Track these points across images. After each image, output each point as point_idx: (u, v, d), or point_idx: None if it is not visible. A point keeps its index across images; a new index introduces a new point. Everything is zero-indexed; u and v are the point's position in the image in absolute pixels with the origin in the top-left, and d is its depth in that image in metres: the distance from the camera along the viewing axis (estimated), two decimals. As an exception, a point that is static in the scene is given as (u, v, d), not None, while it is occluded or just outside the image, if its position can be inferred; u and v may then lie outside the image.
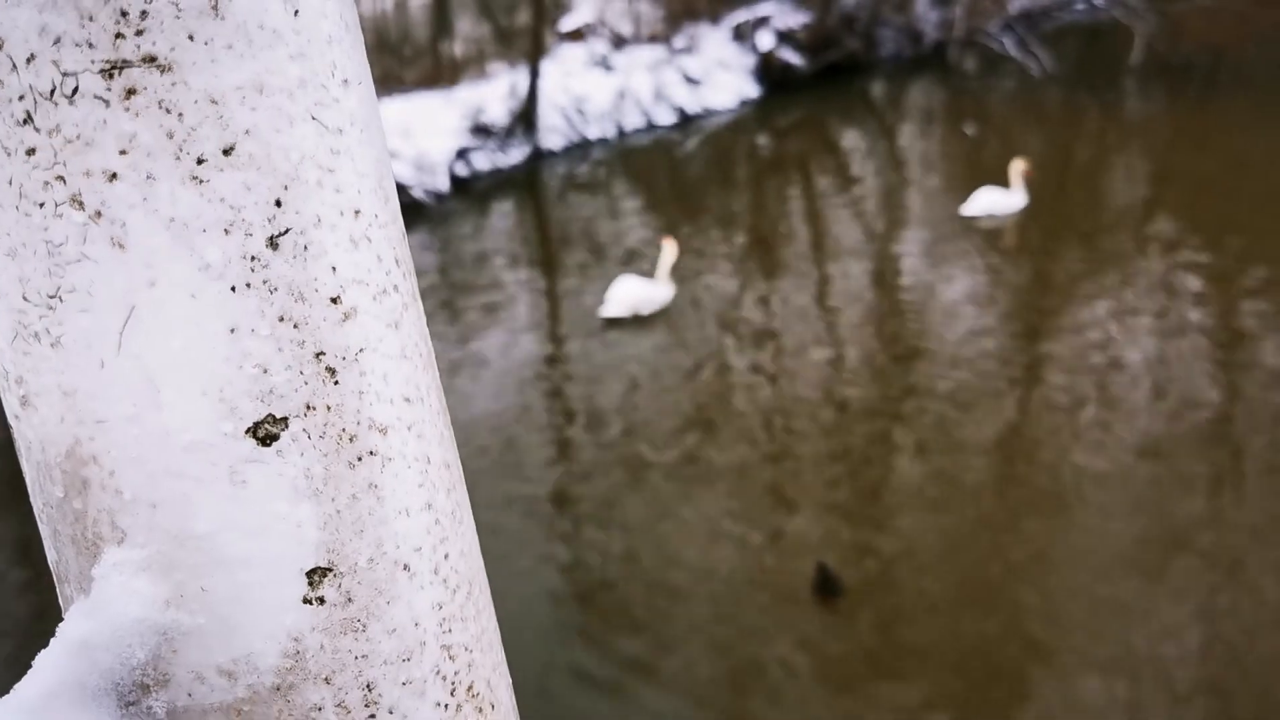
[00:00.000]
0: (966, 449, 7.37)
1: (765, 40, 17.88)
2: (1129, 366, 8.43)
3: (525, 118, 15.08)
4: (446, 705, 0.51)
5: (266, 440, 0.45)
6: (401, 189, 13.23)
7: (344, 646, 0.48)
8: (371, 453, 0.48)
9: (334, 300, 0.47)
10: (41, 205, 0.44)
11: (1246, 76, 18.43)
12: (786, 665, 5.56)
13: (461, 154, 14.35)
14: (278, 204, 0.46)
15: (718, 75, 17.43)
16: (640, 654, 5.71)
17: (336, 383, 0.47)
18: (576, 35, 18.11)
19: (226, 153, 0.44)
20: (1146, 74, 18.44)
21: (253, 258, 0.45)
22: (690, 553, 6.43)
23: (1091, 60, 19.82)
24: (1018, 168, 11.71)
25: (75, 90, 0.42)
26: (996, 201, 11.69)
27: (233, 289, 0.45)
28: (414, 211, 13.06)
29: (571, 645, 5.83)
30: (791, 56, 18.19)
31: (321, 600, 0.47)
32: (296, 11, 0.46)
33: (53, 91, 0.42)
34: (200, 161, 0.44)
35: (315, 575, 0.47)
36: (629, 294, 9.69)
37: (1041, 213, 11.89)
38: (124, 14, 0.42)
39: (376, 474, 0.48)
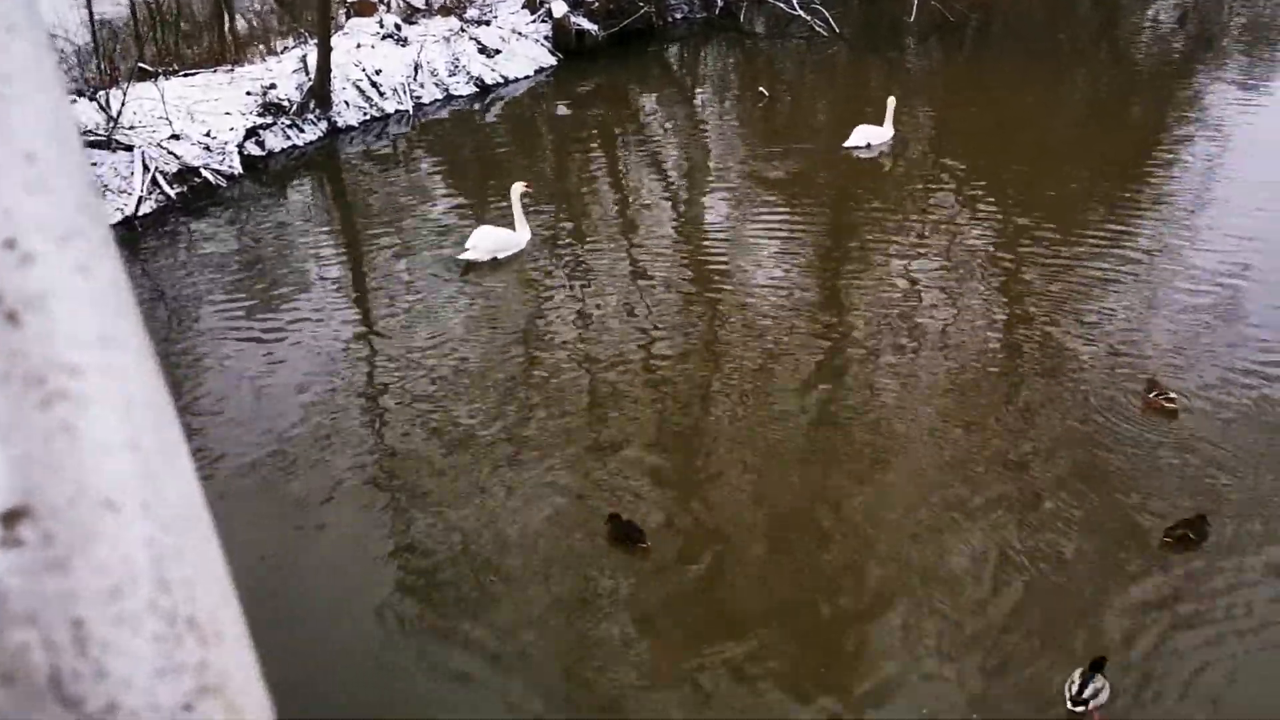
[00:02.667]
0: (782, 390, 7.64)
1: (558, 8, 17.81)
2: (927, 309, 8.89)
3: (318, 94, 14.59)
4: (165, 637, 0.51)
5: (-57, 385, 0.45)
6: (190, 171, 12.61)
7: (47, 587, 0.48)
8: (64, 395, 0.48)
9: (9, 244, 0.47)
10: None
11: (1016, 32, 19.52)
12: (607, 603, 5.77)
13: (252, 133, 13.77)
14: (-64, 149, 0.45)
15: (513, 45, 17.27)
16: (468, 603, 5.80)
17: (18, 326, 0.47)
18: (366, 8, 17.61)
19: (-127, 99, 0.44)
20: (924, 32, 19.28)
21: (-88, 204, 0.45)
22: (513, 505, 6.54)
23: (873, 19, 20.56)
24: (891, 104, 12.65)
25: None
26: (873, 134, 12.67)
27: (-107, 236, 0.44)
28: (206, 194, 12.47)
29: (403, 598, 5.91)
30: (585, 23, 18.19)
31: (19, 542, 0.47)
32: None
33: None
34: None
35: (10, 518, 0.47)
36: (487, 239, 9.82)
37: (840, 163, 12.35)
38: None
39: (71, 415, 0.49)
